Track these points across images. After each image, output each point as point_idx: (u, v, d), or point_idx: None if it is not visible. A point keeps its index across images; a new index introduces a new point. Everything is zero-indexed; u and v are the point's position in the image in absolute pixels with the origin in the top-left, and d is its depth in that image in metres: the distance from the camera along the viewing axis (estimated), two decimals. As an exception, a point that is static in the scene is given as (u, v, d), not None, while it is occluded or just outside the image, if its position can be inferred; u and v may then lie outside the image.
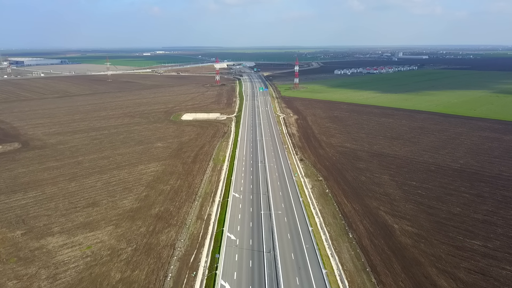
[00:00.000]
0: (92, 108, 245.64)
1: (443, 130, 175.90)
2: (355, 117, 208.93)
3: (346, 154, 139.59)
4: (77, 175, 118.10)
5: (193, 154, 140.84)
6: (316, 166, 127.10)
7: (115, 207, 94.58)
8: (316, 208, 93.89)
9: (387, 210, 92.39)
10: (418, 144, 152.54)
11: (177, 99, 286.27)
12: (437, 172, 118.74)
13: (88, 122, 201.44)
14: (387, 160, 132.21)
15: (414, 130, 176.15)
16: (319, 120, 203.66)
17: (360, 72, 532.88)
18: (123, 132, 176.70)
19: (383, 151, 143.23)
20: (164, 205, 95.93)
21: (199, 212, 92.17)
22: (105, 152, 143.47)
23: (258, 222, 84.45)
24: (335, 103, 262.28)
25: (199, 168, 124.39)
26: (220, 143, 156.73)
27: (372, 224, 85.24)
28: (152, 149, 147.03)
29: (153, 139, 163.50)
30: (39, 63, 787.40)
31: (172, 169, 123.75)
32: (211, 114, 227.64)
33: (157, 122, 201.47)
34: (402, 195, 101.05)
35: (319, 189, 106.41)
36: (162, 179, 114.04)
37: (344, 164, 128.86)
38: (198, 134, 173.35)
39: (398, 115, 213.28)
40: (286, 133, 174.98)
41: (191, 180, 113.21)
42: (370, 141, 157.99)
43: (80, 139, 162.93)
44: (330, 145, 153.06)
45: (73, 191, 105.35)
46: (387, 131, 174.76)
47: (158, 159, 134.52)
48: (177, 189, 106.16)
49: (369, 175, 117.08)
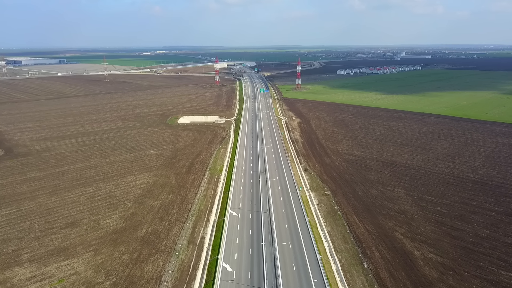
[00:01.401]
0: (85, 111, 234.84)
1: (456, 136, 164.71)
2: (361, 121, 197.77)
3: (354, 163, 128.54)
4: (59, 187, 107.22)
5: (188, 162, 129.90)
6: (322, 177, 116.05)
7: (96, 227, 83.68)
8: (324, 230, 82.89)
9: (405, 232, 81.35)
10: (431, 151, 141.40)
11: (175, 100, 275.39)
12: (456, 185, 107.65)
13: (79, 126, 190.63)
14: (399, 170, 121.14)
15: (425, 136, 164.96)
16: (323, 124, 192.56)
17: (363, 72, 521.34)
18: (115, 137, 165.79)
19: (394, 159, 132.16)
20: (153, 225, 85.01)
21: (192, 234, 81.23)
22: (93, 160, 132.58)
23: (259, 248, 73.41)
24: (339, 105, 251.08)
25: (193, 180, 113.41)
26: (218, 150, 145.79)
27: (389, 251, 74.20)
28: (144, 157, 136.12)
29: (146, 145, 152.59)
30: (37, 63, 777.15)
31: (164, 180, 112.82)
32: (209, 117, 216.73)
33: (152, 126, 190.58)
34: (420, 213, 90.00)
35: (327, 206, 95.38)
36: (153, 193, 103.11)
37: (352, 175, 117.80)
38: (194, 139, 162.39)
39: (407, 119, 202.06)
40: (289, 139, 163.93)
41: (184, 195, 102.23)
42: (379, 148, 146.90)
43: (68, 145, 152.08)
44: (336, 152, 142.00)
45: (53, 207, 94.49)
46: (396, 137, 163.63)
47: (150, 168, 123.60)
48: (168, 205, 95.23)
49: (381, 188, 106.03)
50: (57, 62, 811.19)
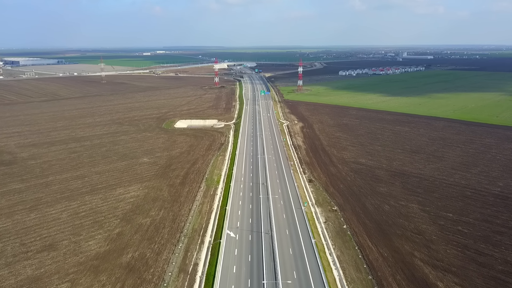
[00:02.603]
0: (78, 114, 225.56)
1: (469, 142, 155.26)
2: (366, 125, 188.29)
3: (362, 173, 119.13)
4: (41, 202, 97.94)
5: (183, 172, 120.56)
6: (328, 189, 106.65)
7: (77, 251, 74.37)
8: (333, 254, 73.51)
9: (425, 257, 71.95)
10: (443, 159, 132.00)
11: (172, 103, 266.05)
12: (475, 199, 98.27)
13: (71, 130, 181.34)
14: (411, 181, 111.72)
15: (435, 142, 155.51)
16: (327, 128, 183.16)
17: (365, 73, 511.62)
18: (106, 143, 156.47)
19: (405, 169, 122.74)
20: (140, 248, 75.68)
21: (183, 260, 71.86)
22: (81, 169, 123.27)
23: (259, 278, 64.09)
24: (343, 108, 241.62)
25: (188, 193, 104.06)
26: (216, 158, 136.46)
27: (409, 282, 64.81)
28: (136, 166, 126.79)
29: (140, 152, 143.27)
30: (35, 63, 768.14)
31: (156, 193, 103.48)
32: (208, 121, 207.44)
33: (147, 130, 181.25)
34: (439, 234, 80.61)
35: (335, 224, 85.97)
36: (142, 209, 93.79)
37: (361, 187, 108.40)
38: (191, 146, 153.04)
39: (414, 123, 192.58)
40: (291, 145, 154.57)
41: (177, 210, 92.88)
42: (387, 155, 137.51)
43: (56, 152, 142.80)
44: (342, 160, 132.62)
45: (31, 225, 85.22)
46: (405, 143, 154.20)
47: (141, 179, 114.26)
48: (159, 224, 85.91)
49: (394, 203, 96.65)
50: (55, 63, 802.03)
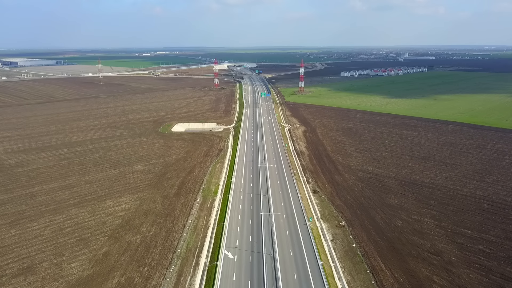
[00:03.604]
0: (73, 117, 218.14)
1: (480, 147, 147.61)
2: (371, 129, 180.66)
3: (370, 183, 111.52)
4: (24, 215, 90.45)
5: (178, 181, 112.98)
6: (334, 201, 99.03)
7: (57, 275, 66.82)
8: (342, 279, 65.90)
9: (446, 283, 64.34)
10: (455, 167, 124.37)
11: (170, 105, 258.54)
12: (494, 213, 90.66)
13: (63, 135, 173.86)
14: (423, 192, 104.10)
15: (445, 147, 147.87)
16: (330, 132, 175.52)
17: (368, 74, 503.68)
18: (99, 149, 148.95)
19: (415, 178, 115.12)
20: (128, 272, 68.10)
21: (175, 286, 64.25)
22: (70, 178, 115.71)
23: (260, 310, 56.55)
24: (347, 110, 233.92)
25: (183, 205, 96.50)
26: (214, 165, 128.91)
27: (430, 315, 57.22)
28: (129, 174, 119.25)
29: (134, 159, 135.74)
30: (33, 64, 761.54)
31: (148, 206, 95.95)
32: (206, 124, 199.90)
33: (142, 135, 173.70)
34: (459, 255, 72.99)
35: (343, 243, 78.33)
36: (133, 224, 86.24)
37: (370, 198, 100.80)
38: (188, 151, 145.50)
39: (421, 127, 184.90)
40: (293, 151, 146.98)
41: (170, 226, 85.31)
42: (395, 162, 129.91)
43: (45, 159, 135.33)
44: (348, 168, 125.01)
45: (9, 244, 77.71)
46: (414, 149, 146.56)
47: (133, 189, 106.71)
48: (150, 242, 78.32)
49: (406, 217, 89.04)
50: (54, 64, 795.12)
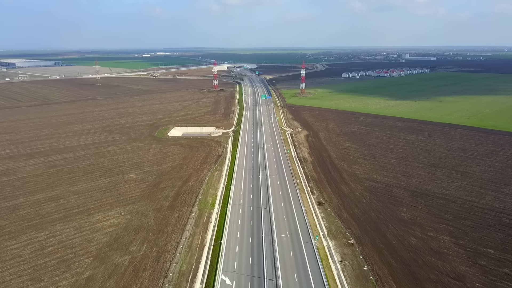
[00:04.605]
0: (66, 120, 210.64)
1: (492, 153, 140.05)
2: (376, 134, 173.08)
3: (379, 194, 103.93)
4: (3, 232, 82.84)
5: (173, 192, 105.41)
6: (341, 215, 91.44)
7: (32, 306, 59.29)
8: (354, 311, 58.30)
9: (472, 316, 56.73)
10: (469, 175, 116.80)
11: (168, 107, 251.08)
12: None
13: (55, 139, 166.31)
14: (436, 204, 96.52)
15: (455, 154, 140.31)
16: (334, 137, 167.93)
17: (369, 75, 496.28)
18: (91, 155, 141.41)
19: (427, 187, 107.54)
20: (112, 301, 60.56)
21: (165, 320, 56.77)
22: (57, 188, 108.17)
23: None
24: (350, 113, 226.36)
25: (177, 220, 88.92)
26: (211, 174, 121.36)
27: None
28: (121, 184, 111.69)
29: (127, 166, 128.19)
30: (32, 65, 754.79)
31: (139, 220, 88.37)
32: (205, 128, 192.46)
33: (137, 140, 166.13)
34: (483, 280, 65.38)
35: (353, 265, 70.67)
36: (122, 242, 78.65)
37: (379, 211, 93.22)
38: (184, 158, 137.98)
39: (428, 131, 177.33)
40: (296, 157, 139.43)
41: (162, 245, 77.69)
42: (404, 170, 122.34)
43: (33, 167, 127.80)
44: (355, 177, 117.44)
45: (-17, 266, 70.15)
46: (422, 155, 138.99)
47: (124, 201, 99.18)
48: (139, 264, 70.69)
49: (420, 234, 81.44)
50: (52, 64, 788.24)
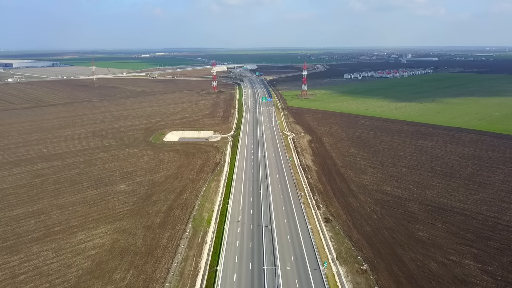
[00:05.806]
0: (58, 124, 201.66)
1: (509, 161, 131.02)
2: (383, 139, 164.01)
3: (391, 208, 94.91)
4: (-28, 255, 73.86)
5: (165, 207, 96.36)
6: (351, 234, 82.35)
7: None
8: None
9: None
10: (486, 187, 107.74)
11: (165, 110, 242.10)
12: (549, 251, 73.96)
13: (44, 145, 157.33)
14: (455, 221, 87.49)
15: (469, 161, 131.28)
16: (339, 143, 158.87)
17: (372, 76, 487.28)
18: (80, 163, 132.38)
19: (443, 201, 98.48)
20: None
21: None
22: (40, 202, 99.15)
23: None
24: (354, 116, 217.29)
25: (169, 240, 79.85)
26: (208, 184, 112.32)
27: None
28: (110, 197, 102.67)
29: (117, 176, 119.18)
30: (29, 66, 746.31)
31: (127, 241, 79.32)
32: (202, 133, 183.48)
33: (131, 145, 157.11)
34: (520, 318, 56.32)
35: (368, 299, 61.67)
36: (105, 268, 69.58)
37: (393, 229, 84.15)
38: (180, 166, 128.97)
39: (438, 136, 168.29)
40: (299, 165, 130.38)
41: (150, 272, 68.60)
42: (416, 180, 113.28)
43: (17, 177, 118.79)
44: (363, 188, 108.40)
45: None
46: (434, 163, 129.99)
47: (112, 217, 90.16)
48: (123, 297, 61.70)
49: (441, 258, 72.33)
50: (50, 65, 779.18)
